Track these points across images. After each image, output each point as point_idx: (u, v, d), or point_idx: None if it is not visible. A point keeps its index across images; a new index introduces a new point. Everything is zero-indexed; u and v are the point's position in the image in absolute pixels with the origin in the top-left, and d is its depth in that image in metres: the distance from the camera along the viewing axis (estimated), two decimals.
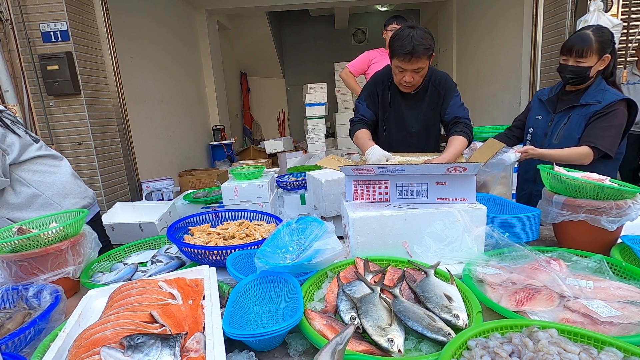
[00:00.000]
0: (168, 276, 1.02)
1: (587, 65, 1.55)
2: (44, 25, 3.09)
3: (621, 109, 1.55)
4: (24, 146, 1.55)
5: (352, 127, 1.89)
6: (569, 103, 1.67)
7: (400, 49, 1.57)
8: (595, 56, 1.54)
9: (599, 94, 1.59)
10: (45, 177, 1.59)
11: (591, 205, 1.16)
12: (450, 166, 1.18)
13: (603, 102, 1.57)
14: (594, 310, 0.83)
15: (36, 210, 1.56)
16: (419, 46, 1.54)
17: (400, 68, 1.64)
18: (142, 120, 4.36)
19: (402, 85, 1.73)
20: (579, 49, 1.54)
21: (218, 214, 1.60)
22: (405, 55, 1.56)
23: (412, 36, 1.54)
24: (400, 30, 1.60)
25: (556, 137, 1.68)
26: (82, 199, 1.70)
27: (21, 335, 0.86)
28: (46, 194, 1.58)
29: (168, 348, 0.69)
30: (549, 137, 1.72)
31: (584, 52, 1.53)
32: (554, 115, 1.71)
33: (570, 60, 1.58)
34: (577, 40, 1.55)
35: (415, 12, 9.18)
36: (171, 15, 5.39)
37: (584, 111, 1.61)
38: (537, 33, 3.87)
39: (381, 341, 0.77)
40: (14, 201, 1.53)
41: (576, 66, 1.56)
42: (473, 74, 6.23)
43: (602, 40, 1.53)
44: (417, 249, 1.18)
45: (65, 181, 1.66)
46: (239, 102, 8.94)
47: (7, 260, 1.12)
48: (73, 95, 3.18)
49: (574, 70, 1.58)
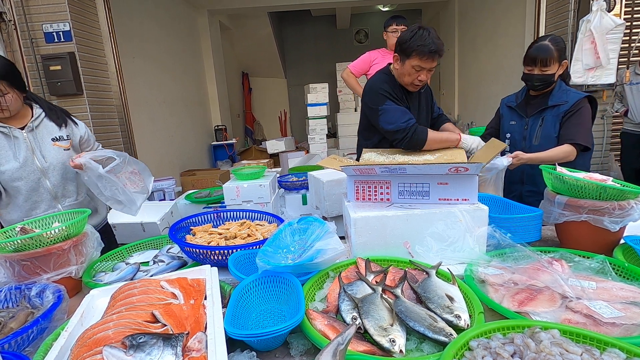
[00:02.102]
0: (170, 276, 1.02)
1: (551, 72, 1.73)
2: (47, 25, 3.10)
3: (586, 105, 1.74)
4: None
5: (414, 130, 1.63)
6: (539, 106, 1.82)
7: (424, 47, 1.58)
8: (556, 64, 1.72)
9: (563, 95, 1.77)
10: None
11: (594, 205, 1.16)
12: (452, 166, 1.18)
13: (569, 101, 1.74)
14: (597, 311, 0.83)
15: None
16: (440, 45, 1.60)
17: (419, 67, 1.64)
18: (144, 120, 4.37)
19: (413, 85, 1.72)
20: (543, 58, 1.71)
21: (220, 214, 1.60)
22: (430, 54, 1.59)
23: (432, 36, 1.59)
24: (416, 31, 1.60)
25: (535, 138, 1.83)
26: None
27: (24, 334, 0.87)
28: None
29: (170, 348, 0.69)
30: (528, 139, 1.85)
31: (547, 61, 1.70)
32: (527, 119, 1.86)
33: (535, 69, 1.74)
34: (539, 52, 1.72)
35: (417, 12, 9.16)
36: (173, 16, 5.40)
37: (555, 111, 1.77)
38: (540, 33, 3.86)
39: (383, 341, 0.77)
40: None
41: (542, 74, 1.73)
42: (475, 74, 6.21)
43: (559, 48, 1.71)
44: (418, 249, 1.18)
45: None
46: (240, 102, 8.95)
47: (10, 260, 1.13)
48: (75, 95, 3.19)
49: (541, 78, 1.75)
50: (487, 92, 5.79)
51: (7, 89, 1.42)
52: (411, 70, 1.67)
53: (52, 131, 1.58)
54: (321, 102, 5.49)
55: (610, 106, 3.57)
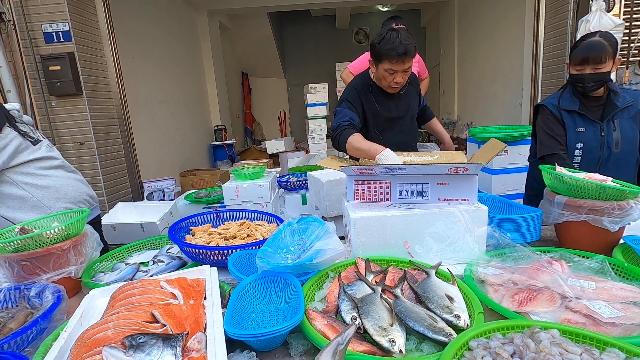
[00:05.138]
0: (169, 276, 1.02)
1: (606, 70, 1.58)
2: (46, 25, 3.10)
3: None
4: (18, 150, 1.53)
5: (342, 131, 1.68)
6: (607, 108, 1.65)
7: (392, 51, 1.60)
8: (610, 60, 1.57)
9: (627, 94, 1.65)
10: (36, 179, 1.58)
11: (593, 205, 1.16)
12: (451, 166, 1.18)
13: (635, 101, 1.63)
14: (596, 311, 0.83)
15: (26, 212, 1.56)
16: (409, 46, 1.59)
17: (391, 70, 1.67)
18: (144, 120, 4.37)
19: (391, 87, 1.75)
20: (597, 56, 1.56)
21: (219, 214, 1.60)
22: (399, 57, 1.60)
23: (400, 38, 1.59)
24: (386, 34, 1.62)
25: (615, 145, 1.65)
26: (75, 203, 1.68)
27: (23, 334, 0.86)
28: (36, 197, 1.57)
29: (169, 348, 0.69)
30: (606, 147, 1.65)
31: (602, 58, 1.56)
32: (602, 124, 1.66)
33: (587, 69, 1.59)
34: (591, 50, 1.57)
35: (417, 12, 9.17)
36: (172, 16, 5.40)
37: (626, 113, 1.64)
38: (539, 33, 3.87)
39: (382, 341, 0.77)
40: (6, 200, 1.54)
41: (596, 73, 1.58)
42: (475, 75, 6.22)
43: (612, 44, 1.57)
44: (418, 249, 1.18)
45: (60, 185, 1.65)
46: (240, 102, 8.95)
47: (9, 260, 1.12)
48: (75, 95, 3.19)
49: (594, 78, 1.59)
50: (485, 92, 5.80)
51: None
52: (385, 73, 1.70)
53: None
54: (321, 102, 5.49)
55: None
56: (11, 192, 1.54)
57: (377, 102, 1.84)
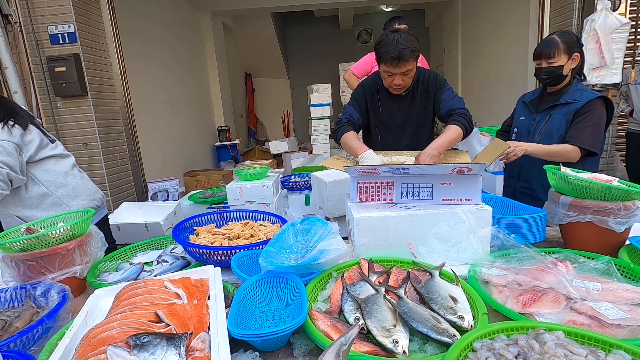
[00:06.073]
0: (173, 276, 1.02)
1: (558, 64, 1.66)
2: (52, 27, 3.13)
3: (598, 107, 1.65)
4: (41, 145, 1.59)
5: (338, 128, 1.81)
6: (550, 103, 1.78)
7: (387, 54, 1.59)
8: (564, 55, 1.66)
9: (576, 94, 1.70)
10: (57, 177, 1.63)
11: (598, 206, 1.15)
12: (455, 167, 1.17)
13: (581, 100, 1.67)
14: (602, 313, 0.82)
15: (45, 210, 1.59)
16: (404, 50, 1.57)
17: (388, 72, 1.67)
18: (148, 121, 4.39)
19: (392, 88, 1.76)
20: (547, 51, 1.67)
21: (223, 214, 1.61)
22: (392, 60, 1.59)
23: (397, 41, 1.57)
24: (385, 36, 1.62)
25: (538, 134, 1.79)
26: (91, 201, 1.73)
27: (29, 333, 0.87)
28: (56, 194, 1.61)
29: (173, 347, 0.70)
30: (531, 135, 1.82)
31: (551, 53, 1.66)
32: (536, 115, 1.83)
33: (542, 62, 1.70)
34: (545, 45, 1.69)
35: (420, 12, 9.15)
36: (176, 17, 5.43)
37: (564, 110, 1.72)
38: (544, 33, 3.85)
39: (386, 342, 0.77)
40: (25, 199, 1.57)
41: (549, 66, 1.68)
42: (479, 75, 6.19)
43: (567, 41, 1.66)
44: (421, 250, 1.18)
45: (77, 183, 1.70)
46: (243, 102, 8.97)
47: (15, 260, 1.14)
48: (80, 96, 3.22)
49: (547, 71, 1.69)
50: (490, 92, 5.77)
51: None
52: (384, 74, 1.71)
53: None
54: (324, 103, 5.49)
55: (615, 106, 3.54)
56: (32, 189, 1.57)
57: (381, 101, 1.84)
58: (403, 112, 1.85)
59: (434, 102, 1.81)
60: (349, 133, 1.74)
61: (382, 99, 1.84)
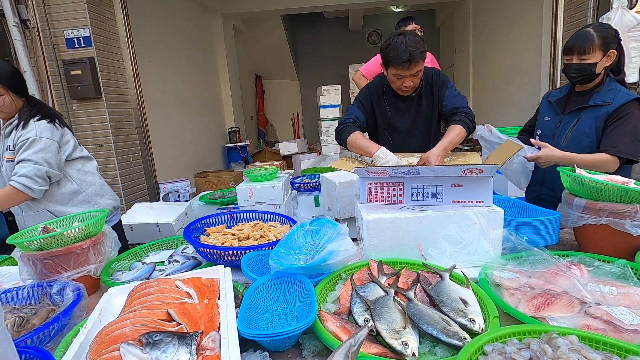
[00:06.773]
0: (184, 275, 1.04)
1: (591, 61, 1.49)
2: (68, 31, 3.21)
3: (635, 110, 1.49)
4: (76, 145, 1.72)
5: (343, 128, 1.76)
6: (578, 104, 1.61)
7: (397, 58, 1.59)
8: (599, 52, 1.48)
9: (609, 94, 1.53)
10: (87, 176, 1.75)
11: (614, 208, 1.12)
12: (466, 168, 1.16)
13: (614, 102, 1.51)
14: (617, 317, 0.80)
15: (75, 206, 1.69)
16: (414, 52, 1.57)
17: (398, 75, 1.66)
18: (160, 123, 4.46)
19: (401, 91, 1.75)
20: (581, 46, 1.49)
21: (233, 215, 1.62)
22: (404, 64, 1.58)
23: (405, 43, 1.57)
24: (392, 40, 1.61)
25: (564, 139, 1.63)
26: (115, 200, 1.86)
27: (45, 330, 0.90)
28: (87, 192, 1.72)
29: (185, 346, 0.71)
30: (556, 138, 1.66)
31: (585, 48, 1.48)
32: (562, 117, 1.67)
33: (573, 58, 1.53)
34: (578, 38, 1.51)
35: (431, 13, 9.09)
36: (188, 21, 5.51)
37: (595, 112, 1.55)
38: (557, 32, 3.77)
39: (395, 344, 0.76)
40: (58, 195, 1.66)
41: (580, 63, 1.51)
42: (490, 75, 6.12)
43: (604, 35, 1.48)
44: (431, 252, 1.17)
45: (102, 182, 1.83)
46: (253, 104, 9.04)
47: (32, 258, 1.17)
48: (95, 99, 3.29)
49: (578, 68, 1.52)
50: (502, 93, 5.69)
51: (2, 92, 1.53)
52: (393, 78, 1.69)
53: (9, 140, 1.62)
54: (334, 104, 5.49)
55: None
56: (65, 186, 1.68)
57: (388, 104, 1.83)
58: (412, 113, 1.84)
59: (438, 99, 1.80)
60: (356, 132, 1.73)
61: (389, 102, 1.83)
